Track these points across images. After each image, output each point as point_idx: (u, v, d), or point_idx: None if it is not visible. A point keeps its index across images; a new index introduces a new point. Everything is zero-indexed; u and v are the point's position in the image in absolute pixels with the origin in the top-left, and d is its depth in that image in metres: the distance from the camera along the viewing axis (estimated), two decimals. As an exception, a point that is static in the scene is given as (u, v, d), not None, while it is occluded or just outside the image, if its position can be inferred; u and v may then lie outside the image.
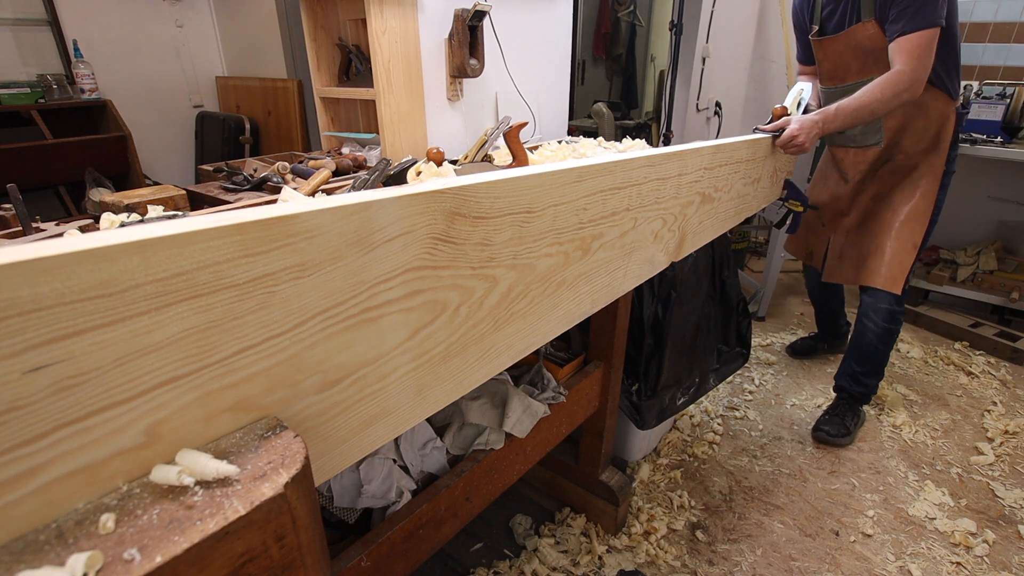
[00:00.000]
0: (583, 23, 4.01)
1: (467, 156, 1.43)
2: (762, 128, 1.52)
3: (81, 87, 2.41)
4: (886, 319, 1.84)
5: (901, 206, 1.77)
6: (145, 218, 0.96)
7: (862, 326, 1.90)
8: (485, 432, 1.13)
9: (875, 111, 1.48)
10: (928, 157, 1.72)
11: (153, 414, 0.39)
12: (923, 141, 1.71)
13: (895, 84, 1.45)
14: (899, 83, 1.45)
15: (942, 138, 1.69)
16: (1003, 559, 1.51)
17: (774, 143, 1.50)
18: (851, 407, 1.97)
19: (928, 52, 1.45)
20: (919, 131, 1.70)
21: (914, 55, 1.44)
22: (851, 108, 1.49)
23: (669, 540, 1.55)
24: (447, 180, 0.59)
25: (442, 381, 0.65)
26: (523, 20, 1.93)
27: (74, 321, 0.34)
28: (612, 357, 1.39)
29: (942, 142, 1.69)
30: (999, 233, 2.89)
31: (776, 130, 1.50)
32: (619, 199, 0.87)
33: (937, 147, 1.70)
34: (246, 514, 0.37)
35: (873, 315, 1.86)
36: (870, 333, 1.87)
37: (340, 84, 1.72)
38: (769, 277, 2.75)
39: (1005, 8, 2.76)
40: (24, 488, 0.34)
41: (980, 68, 2.87)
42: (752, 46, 3.45)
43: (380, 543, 0.89)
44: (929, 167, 1.73)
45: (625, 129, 3.30)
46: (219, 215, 0.41)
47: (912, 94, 1.47)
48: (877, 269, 1.79)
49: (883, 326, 1.85)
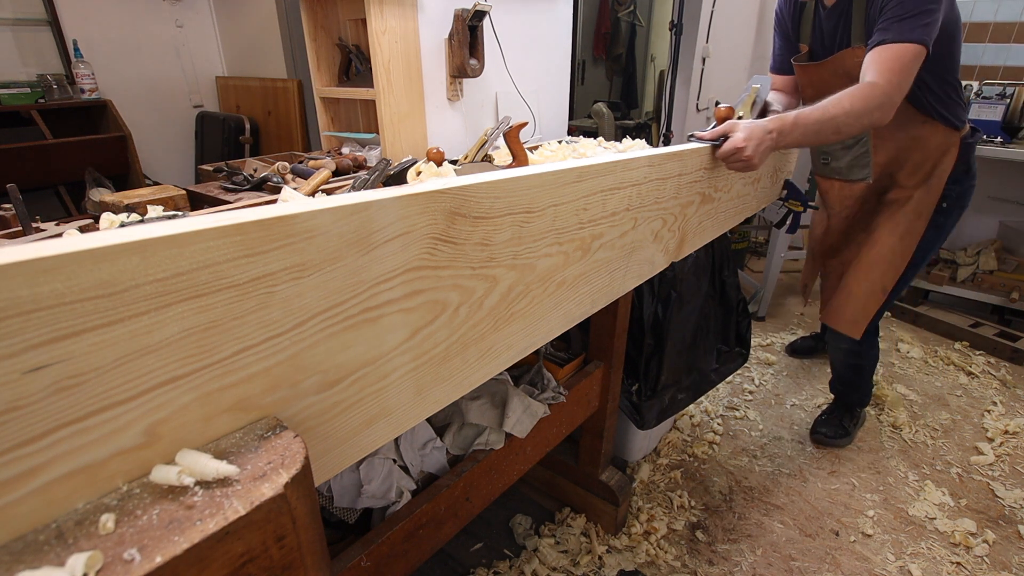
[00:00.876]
0: (583, 23, 4.01)
1: (467, 156, 1.43)
2: (699, 135, 1.16)
3: (81, 87, 2.41)
4: (848, 356, 1.82)
5: (879, 245, 1.62)
6: (145, 218, 0.96)
7: (831, 357, 1.91)
8: (485, 432, 1.13)
9: (840, 127, 1.19)
10: (920, 192, 1.56)
11: (153, 414, 0.39)
12: (919, 175, 1.55)
13: (866, 98, 1.18)
14: (870, 97, 1.18)
15: (936, 173, 1.53)
16: (1003, 559, 1.51)
17: (713, 154, 1.14)
18: (848, 409, 1.97)
19: (907, 70, 1.21)
20: (916, 164, 1.54)
21: (891, 69, 1.21)
22: (813, 120, 1.18)
23: (669, 540, 1.55)
24: (447, 180, 0.59)
25: (442, 381, 0.65)
26: (523, 20, 1.93)
27: (74, 321, 0.34)
28: (612, 357, 1.39)
29: (935, 177, 1.53)
30: (999, 233, 2.89)
31: (717, 137, 1.14)
32: (619, 199, 0.87)
33: (929, 182, 1.54)
34: (246, 514, 0.37)
35: (836, 352, 1.85)
36: (839, 365, 1.89)
37: (340, 84, 1.72)
38: (769, 277, 2.75)
39: (1005, 8, 2.76)
40: (24, 488, 0.34)
41: (980, 68, 2.87)
42: (752, 46, 3.45)
43: (380, 543, 0.89)
44: (918, 204, 1.56)
45: (625, 129, 3.30)
46: (219, 215, 0.41)
47: (883, 114, 1.21)
48: (839, 309, 1.70)
49: (847, 362, 1.85)
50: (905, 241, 1.58)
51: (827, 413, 1.99)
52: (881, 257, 1.61)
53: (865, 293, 1.64)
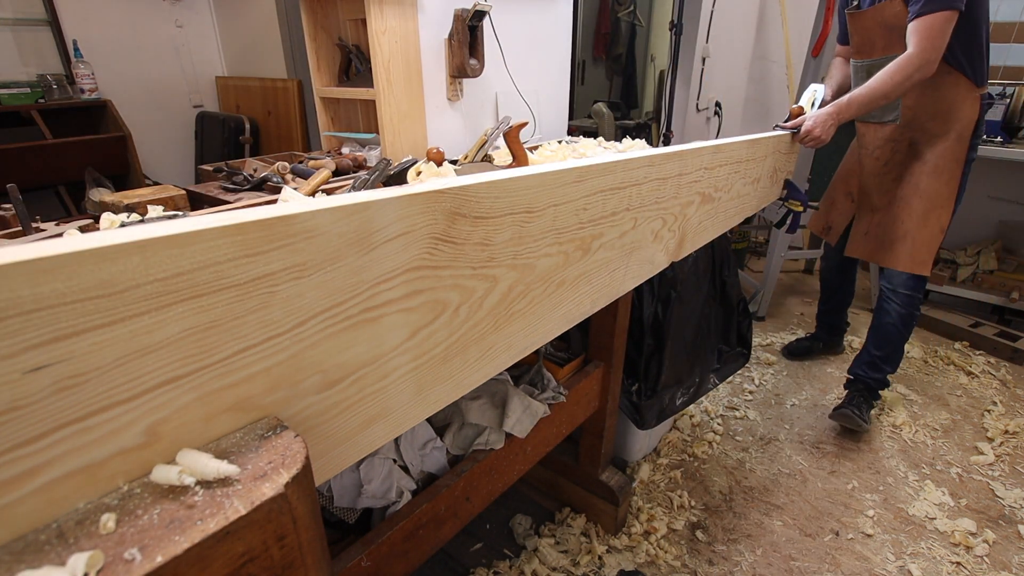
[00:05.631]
0: (583, 23, 4.01)
1: (467, 156, 1.43)
2: (782, 125, 1.67)
3: (81, 87, 2.41)
4: (906, 303, 1.88)
5: (927, 190, 1.80)
6: (145, 218, 0.96)
7: (883, 310, 1.94)
8: (485, 432, 1.13)
9: (887, 95, 1.56)
10: (950, 142, 1.74)
11: (153, 414, 0.39)
12: (943, 125, 1.73)
13: (904, 68, 1.52)
14: (908, 66, 1.51)
15: (964, 123, 1.72)
16: (1003, 559, 1.51)
17: (793, 139, 1.68)
18: (865, 399, 1.97)
19: (941, 34, 1.49)
20: (939, 113, 1.73)
21: (926, 37, 1.49)
22: (864, 97, 1.58)
23: (669, 540, 1.55)
24: (447, 180, 0.59)
25: (442, 381, 0.65)
26: (523, 20, 1.93)
27: (74, 321, 0.34)
28: (612, 357, 1.39)
29: (965, 128, 1.72)
30: (999, 233, 2.89)
31: (795, 127, 1.66)
32: (619, 199, 0.87)
33: (961, 132, 1.73)
34: (246, 514, 0.37)
35: (893, 298, 1.90)
36: (892, 315, 1.92)
37: (340, 84, 1.72)
38: (769, 277, 2.75)
39: (1005, 8, 2.76)
40: (24, 488, 0.34)
41: (980, 68, 2.87)
42: (752, 46, 3.45)
43: (380, 543, 0.89)
44: (952, 153, 1.75)
45: (625, 129, 3.30)
46: (219, 215, 0.41)
47: (923, 74, 1.52)
48: (905, 252, 1.84)
49: (903, 311, 1.89)
50: (950, 185, 1.78)
51: (846, 403, 1.98)
52: (932, 202, 1.80)
53: (928, 234, 1.81)
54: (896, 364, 1.98)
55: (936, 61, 1.51)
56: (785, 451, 1.91)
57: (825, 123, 1.61)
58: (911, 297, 1.88)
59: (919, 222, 1.81)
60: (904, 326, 1.91)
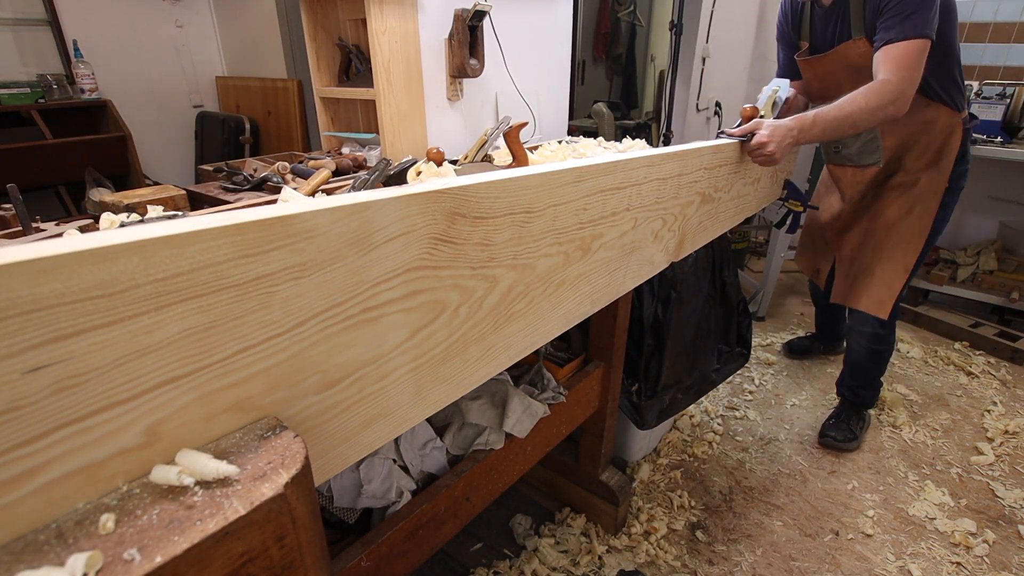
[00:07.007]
0: (583, 23, 4.01)
1: (467, 156, 1.43)
2: (729, 132, 1.31)
3: (81, 87, 2.41)
4: (872, 341, 1.83)
5: (896, 225, 1.69)
6: (145, 218, 0.96)
7: (850, 347, 1.91)
8: (485, 432, 1.13)
9: (857, 123, 1.32)
10: (929, 174, 1.63)
11: (153, 414, 0.39)
12: (925, 157, 1.62)
13: (880, 94, 1.30)
14: (884, 93, 1.30)
15: (945, 154, 1.60)
16: (1003, 559, 1.51)
17: (742, 148, 1.30)
18: (855, 411, 1.97)
19: (916, 64, 1.32)
20: (923, 148, 1.61)
21: (901, 65, 1.31)
22: (831, 117, 1.31)
23: (669, 540, 1.55)
24: (447, 180, 0.59)
25: (442, 381, 0.65)
26: (523, 20, 1.93)
27: (74, 321, 0.34)
28: (612, 357, 1.39)
29: (944, 158, 1.60)
30: (999, 233, 2.89)
31: (745, 134, 1.30)
32: (619, 199, 0.87)
33: (939, 163, 1.61)
34: (246, 514, 0.37)
35: (859, 336, 1.85)
36: (858, 352, 1.88)
37: (340, 84, 1.72)
38: (769, 277, 2.75)
39: (1005, 8, 2.76)
40: (24, 488, 0.34)
41: (980, 68, 2.87)
42: (752, 46, 3.44)
43: (380, 543, 0.89)
44: (930, 184, 1.63)
45: (625, 129, 3.30)
46: (219, 215, 0.41)
47: (897, 108, 1.32)
48: (865, 291, 1.74)
49: (869, 347, 1.84)
50: (922, 220, 1.65)
51: (835, 417, 1.98)
52: (900, 237, 1.68)
53: (889, 273, 1.70)
54: (875, 388, 1.95)
55: (911, 96, 1.33)
56: (785, 451, 1.91)
57: (782, 140, 1.27)
58: (876, 336, 1.81)
59: (884, 259, 1.70)
60: (873, 362, 1.86)
